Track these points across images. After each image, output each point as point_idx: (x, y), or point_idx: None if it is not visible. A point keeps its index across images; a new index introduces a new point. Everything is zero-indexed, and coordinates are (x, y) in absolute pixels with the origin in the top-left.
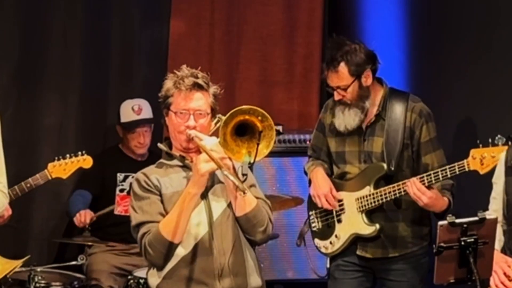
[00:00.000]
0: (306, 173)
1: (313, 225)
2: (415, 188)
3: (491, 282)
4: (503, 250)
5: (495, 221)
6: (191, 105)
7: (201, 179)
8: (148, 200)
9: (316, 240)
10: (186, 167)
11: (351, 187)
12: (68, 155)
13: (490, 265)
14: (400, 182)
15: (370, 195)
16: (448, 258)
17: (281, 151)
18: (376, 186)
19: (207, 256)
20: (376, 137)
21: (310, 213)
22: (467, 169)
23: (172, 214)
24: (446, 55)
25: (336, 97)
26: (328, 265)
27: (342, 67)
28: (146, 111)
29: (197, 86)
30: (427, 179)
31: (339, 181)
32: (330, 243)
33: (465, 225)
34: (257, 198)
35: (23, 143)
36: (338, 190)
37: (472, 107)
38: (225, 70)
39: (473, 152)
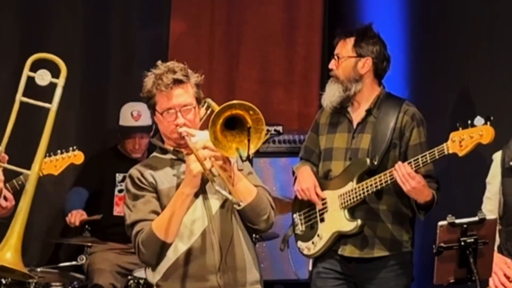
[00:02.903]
0: (294, 174)
1: (297, 227)
2: (404, 171)
3: (491, 283)
4: (500, 250)
5: (495, 221)
6: (176, 102)
7: (194, 179)
8: (143, 199)
9: (299, 243)
10: (180, 160)
11: (334, 185)
12: (59, 151)
13: (490, 265)
14: (382, 174)
15: (352, 190)
16: (448, 258)
17: (281, 151)
18: (359, 181)
19: (206, 251)
20: (365, 134)
21: (294, 215)
22: (446, 152)
23: (165, 213)
24: (446, 54)
25: (330, 65)
26: (310, 268)
27: (350, 40)
28: (145, 118)
29: (177, 82)
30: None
31: (323, 180)
32: (312, 243)
33: (465, 225)
34: (256, 186)
35: (23, 143)
36: (322, 189)
37: (473, 106)
38: (225, 70)
39: (452, 135)
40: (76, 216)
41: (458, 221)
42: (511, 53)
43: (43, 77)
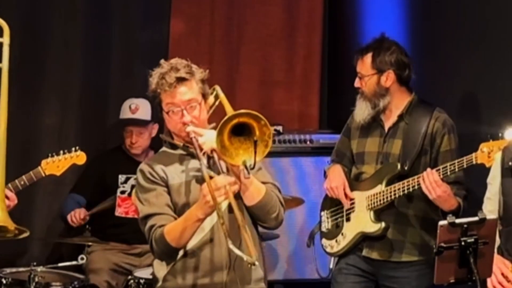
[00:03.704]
0: (325, 174)
1: (323, 225)
2: (431, 179)
3: (489, 284)
4: (499, 251)
5: (495, 221)
6: (180, 100)
7: (209, 209)
8: (155, 192)
9: (323, 240)
10: (190, 155)
11: (364, 187)
12: (61, 152)
13: (490, 265)
14: (410, 178)
15: (380, 193)
16: (448, 258)
17: (281, 151)
18: (388, 185)
19: (214, 247)
20: (396, 139)
21: (322, 213)
22: (474, 162)
23: (178, 225)
24: (445, 54)
25: (356, 83)
26: (331, 265)
27: (367, 57)
28: (143, 112)
29: (180, 80)
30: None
31: (354, 181)
32: (336, 241)
33: (465, 225)
34: (265, 183)
35: (23, 143)
36: (352, 190)
37: (472, 106)
38: (225, 70)
39: (482, 145)
40: (80, 212)
41: (458, 221)
42: None
43: None
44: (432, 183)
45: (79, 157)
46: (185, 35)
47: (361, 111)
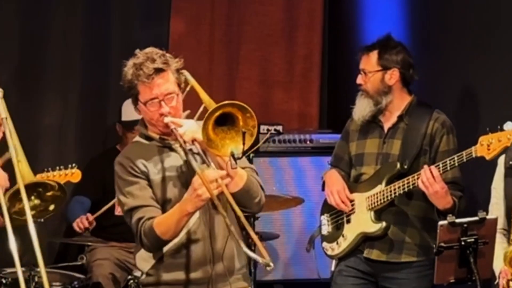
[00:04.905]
0: (322, 179)
1: (323, 228)
2: (428, 175)
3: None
4: None
5: (495, 221)
6: (158, 92)
7: (200, 203)
8: (138, 185)
9: (324, 243)
10: (167, 148)
11: (363, 188)
12: (57, 168)
13: (490, 265)
14: (410, 176)
15: (380, 192)
16: (448, 258)
17: (281, 151)
18: (388, 184)
19: (199, 241)
20: (396, 139)
21: (322, 217)
22: (474, 155)
23: (168, 218)
24: (446, 54)
25: (358, 80)
26: (332, 268)
27: (374, 53)
28: None
29: (157, 71)
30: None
31: (353, 183)
32: (337, 243)
33: (465, 225)
34: (244, 168)
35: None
36: (351, 192)
37: (472, 106)
38: (225, 70)
39: (481, 139)
40: (85, 221)
41: (458, 220)
42: None
43: None
44: (430, 178)
45: (74, 175)
46: (185, 35)
47: (362, 108)
